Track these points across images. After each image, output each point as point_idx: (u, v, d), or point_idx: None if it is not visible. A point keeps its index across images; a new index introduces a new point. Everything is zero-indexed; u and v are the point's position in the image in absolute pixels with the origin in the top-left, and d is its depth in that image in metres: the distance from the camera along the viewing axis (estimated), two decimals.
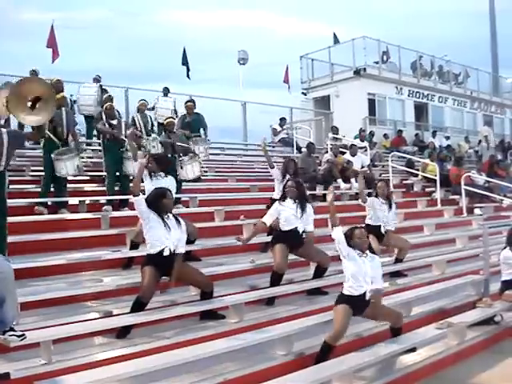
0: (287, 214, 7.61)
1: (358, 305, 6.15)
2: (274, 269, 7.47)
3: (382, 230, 8.87)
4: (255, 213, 9.72)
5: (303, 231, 7.70)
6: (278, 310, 7.00)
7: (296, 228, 7.62)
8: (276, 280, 7.45)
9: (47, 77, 12.24)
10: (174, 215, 6.51)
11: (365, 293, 6.14)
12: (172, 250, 6.25)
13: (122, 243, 8.05)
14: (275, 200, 8.26)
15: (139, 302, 5.97)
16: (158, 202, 6.39)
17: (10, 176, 8.78)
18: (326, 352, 5.93)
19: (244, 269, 7.97)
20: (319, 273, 7.84)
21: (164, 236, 6.24)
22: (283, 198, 7.80)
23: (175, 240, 6.30)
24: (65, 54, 16.40)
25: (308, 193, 9.40)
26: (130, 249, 7.86)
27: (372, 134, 19.48)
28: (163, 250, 6.20)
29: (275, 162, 10.20)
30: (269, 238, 8.14)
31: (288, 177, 8.77)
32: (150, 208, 6.31)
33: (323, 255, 7.82)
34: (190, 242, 6.89)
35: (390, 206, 9.09)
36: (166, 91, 14.89)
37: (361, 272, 6.13)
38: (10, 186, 8.28)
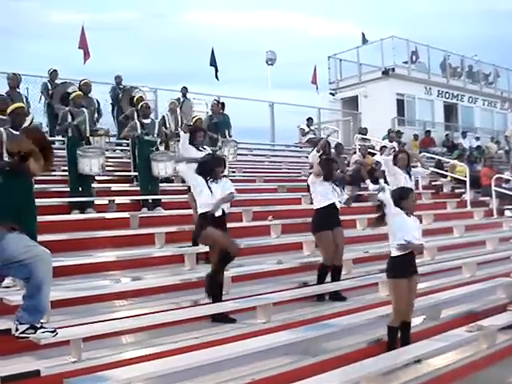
0: (326, 189, 7.65)
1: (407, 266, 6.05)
2: (322, 261, 7.53)
3: None
4: (283, 213, 9.74)
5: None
6: (306, 310, 6.97)
7: (334, 203, 7.65)
8: (323, 274, 7.54)
9: (76, 78, 12.54)
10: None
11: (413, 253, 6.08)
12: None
13: (151, 243, 8.11)
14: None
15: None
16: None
17: (40, 176, 8.94)
18: (393, 337, 6.04)
19: (271, 269, 7.96)
20: (337, 274, 7.73)
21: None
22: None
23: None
24: (95, 55, 16.54)
25: None
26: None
27: (399, 134, 19.26)
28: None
29: (302, 163, 10.19)
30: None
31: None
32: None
33: (342, 250, 7.74)
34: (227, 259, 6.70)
35: (410, 176, 9.02)
36: (184, 91, 14.86)
37: (411, 229, 6.05)
38: (41, 186, 8.44)
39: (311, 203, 8.14)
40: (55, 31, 45.85)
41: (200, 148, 8.27)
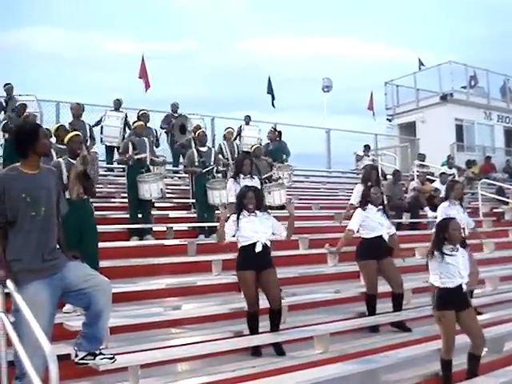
0: (372, 222, 7.52)
1: (456, 300, 5.84)
2: (365, 291, 7.42)
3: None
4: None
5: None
6: (362, 341, 6.84)
7: (381, 236, 7.51)
8: (371, 303, 7.39)
9: (136, 107, 12.87)
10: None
11: (461, 285, 5.86)
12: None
13: (208, 270, 8.16)
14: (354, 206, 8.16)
15: None
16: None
17: (100, 202, 9.16)
18: (446, 369, 5.86)
19: (328, 298, 7.87)
20: (397, 303, 7.56)
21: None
22: (365, 204, 7.67)
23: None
24: (155, 84, 16.95)
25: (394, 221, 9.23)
26: None
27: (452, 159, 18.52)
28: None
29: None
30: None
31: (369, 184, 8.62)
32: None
33: (400, 277, 7.58)
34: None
35: (462, 207, 8.64)
36: (247, 119, 15.07)
37: (455, 266, 5.85)
38: (101, 213, 8.62)
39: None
40: (114, 60, 47.21)
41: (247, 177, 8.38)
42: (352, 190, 10.33)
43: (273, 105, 19.81)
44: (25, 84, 12.22)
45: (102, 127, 13.03)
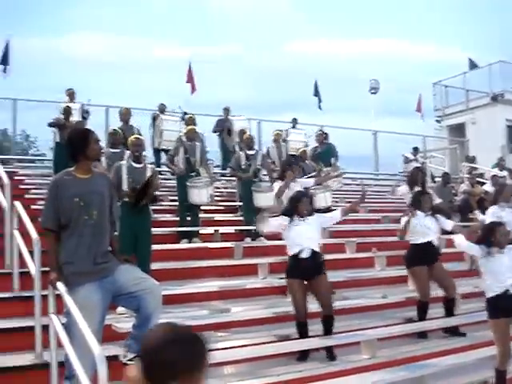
0: (420, 227, 7.38)
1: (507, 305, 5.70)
2: (418, 298, 7.30)
3: None
4: (387, 245, 9.54)
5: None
6: (411, 347, 6.73)
7: (430, 241, 7.37)
8: (423, 309, 7.27)
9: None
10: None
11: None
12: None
13: (254, 273, 8.19)
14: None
15: None
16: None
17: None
18: (500, 379, 5.74)
19: (375, 303, 7.80)
20: (449, 308, 7.44)
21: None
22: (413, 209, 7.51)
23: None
24: (201, 87, 17.10)
25: None
26: None
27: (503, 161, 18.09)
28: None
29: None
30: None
31: (416, 188, 8.50)
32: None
33: (452, 281, 7.48)
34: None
35: None
36: (294, 122, 15.04)
37: (502, 269, 5.75)
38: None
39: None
40: (162, 64, 47.86)
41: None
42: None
43: (319, 107, 19.74)
44: (77, 90, 12.35)
45: (160, 131, 13.19)
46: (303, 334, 6.30)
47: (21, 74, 19.35)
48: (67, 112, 10.94)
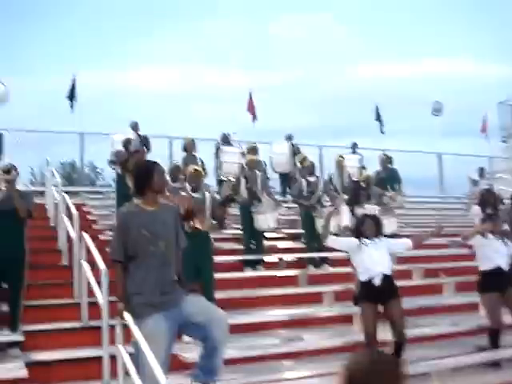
0: (488, 251, 7.06)
1: None
2: (489, 325, 6.98)
3: None
4: (456, 271, 9.30)
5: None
6: (483, 378, 6.44)
7: (500, 266, 7.03)
8: (494, 337, 6.91)
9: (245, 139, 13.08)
10: None
11: None
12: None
13: (320, 301, 8.10)
14: None
15: None
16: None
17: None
18: None
19: (445, 332, 7.56)
20: None
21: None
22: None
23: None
24: (262, 114, 17.12)
25: None
26: None
27: None
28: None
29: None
30: None
31: (487, 211, 8.20)
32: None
33: None
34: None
35: None
36: (354, 147, 14.84)
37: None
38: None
39: None
40: (225, 93, 48.56)
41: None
42: (468, 216, 9.95)
43: (381, 131, 19.50)
44: (140, 121, 12.62)
45: (220, 163, 13.31)
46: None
47: (87, 107, 19.94)
48: (127, 143, 11.13)
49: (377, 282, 6.15)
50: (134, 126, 12.50)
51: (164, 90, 46.10)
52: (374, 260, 6.22)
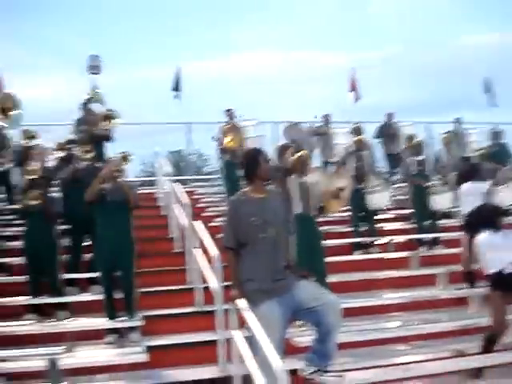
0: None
1: None
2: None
3: None
4: None
5: None
6: None
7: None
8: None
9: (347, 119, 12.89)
10: None
11: None
12: None
13: (432, 284, 7.89)
14: None
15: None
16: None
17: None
18: None
19: None
20: None
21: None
22: None
23: None
24: (364, 93, 16.68)
25: None
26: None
27: None
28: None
29: None
30: None
31: None
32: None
33: None
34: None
35: None
36: (457, 122, 14.18)
37: None
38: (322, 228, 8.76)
39: None
40: (328, 74, 48.13)
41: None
42: None
43: (492, 104, 18.51)
44: (244, 107, 12.65)
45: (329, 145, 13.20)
46: (490, 349, 5.87)
47: (192, 97, 20.30)
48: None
49: (506, 271, 5.85)
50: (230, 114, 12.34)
51: (265, 75, 46.45)
52: (502, 251, 5.88)
